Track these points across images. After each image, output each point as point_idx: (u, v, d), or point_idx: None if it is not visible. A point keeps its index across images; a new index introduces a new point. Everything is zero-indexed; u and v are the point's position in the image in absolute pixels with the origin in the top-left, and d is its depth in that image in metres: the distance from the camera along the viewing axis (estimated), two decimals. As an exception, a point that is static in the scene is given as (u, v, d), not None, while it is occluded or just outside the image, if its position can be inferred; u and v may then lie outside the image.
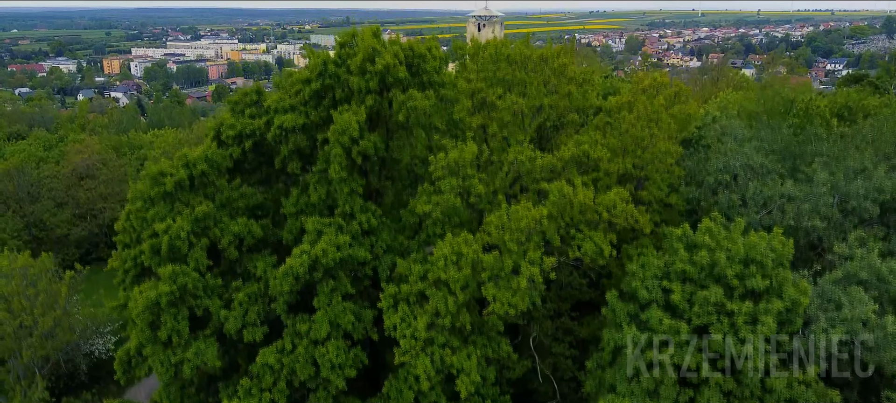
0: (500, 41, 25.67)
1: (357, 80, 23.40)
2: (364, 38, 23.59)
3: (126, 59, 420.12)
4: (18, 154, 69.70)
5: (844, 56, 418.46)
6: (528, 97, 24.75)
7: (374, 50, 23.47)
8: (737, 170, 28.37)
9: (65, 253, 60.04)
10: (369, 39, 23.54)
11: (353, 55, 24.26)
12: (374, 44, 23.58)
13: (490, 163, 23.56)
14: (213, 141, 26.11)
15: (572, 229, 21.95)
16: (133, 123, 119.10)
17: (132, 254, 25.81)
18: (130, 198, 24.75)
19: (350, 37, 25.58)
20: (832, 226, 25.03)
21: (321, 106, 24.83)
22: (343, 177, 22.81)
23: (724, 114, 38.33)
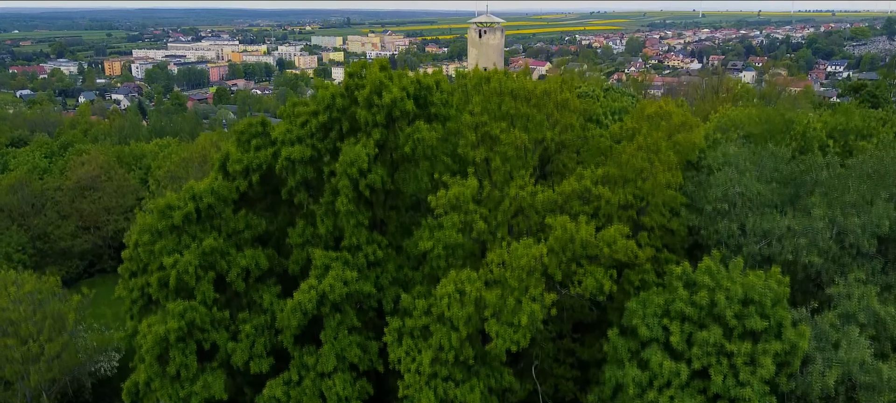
0: (503, 74, 25.99)
1: (364, 114, 23.76)
2: (372, 72, 23.93)
3: (127, 60, 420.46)
4: (22, 165, 70.11)
5: (845, 58, 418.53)
6: (530, 131, 25.12)
7: (381, 83, 23.82)
8: (736, 200, 28.68)
9: (69, 265, 60.44)
10: (377, 73, 23.89)
11: (361, 87, 24.60)
12: (382, 77, 23.92)
13: (493, 199, 23.89)
14: (220, 173, 26.44)
15: (574, 264, 22.31)
16: (135, 130, 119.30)
17: (139, 284, 26.18)
18: (138, 231, 25.08)
19: (359, 68, 25.92)
20: (831, 260, 25.33)
21: (328, 138, 25.18)
22: (351, 210, 23.18)
23: (725, 137, 38.64)
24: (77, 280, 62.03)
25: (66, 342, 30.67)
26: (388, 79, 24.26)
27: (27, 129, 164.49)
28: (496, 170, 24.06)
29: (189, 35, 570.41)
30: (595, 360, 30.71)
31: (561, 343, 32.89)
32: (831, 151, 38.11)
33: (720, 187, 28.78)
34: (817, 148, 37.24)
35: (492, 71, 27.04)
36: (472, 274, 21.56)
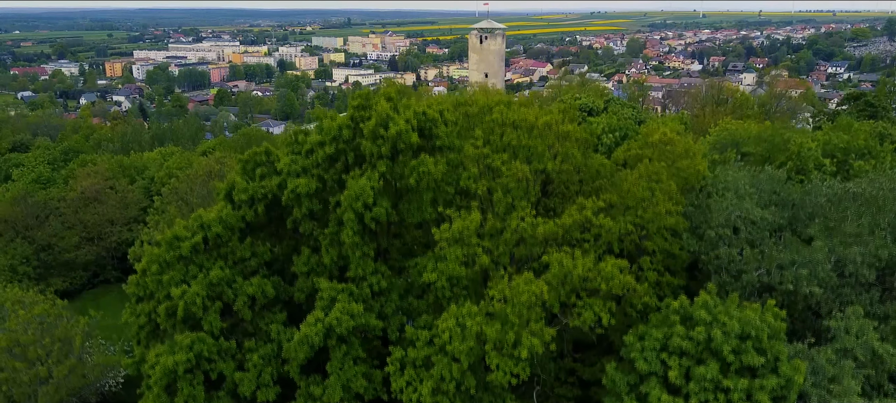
0: (505, 105, 26.39)
1: (369, 146, 24.18)
2: (378, 105, 24.33)
3: (128, 61, 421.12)
4: (26, 175, 70.52)
5: (846, 59, 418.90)
6: (532, 162, 25.55)
7: (387, 116, 24.23)
8: (737, 224, 29.10)
9: (72, 276, 60.87)
10: (383, 105, 24.29)
11: (367, 119, 25.01)
12: (388, 110, 24.32)
13: (495, 230, 24.32)
14: (226, 201, 26.86)
15: (573, 297, 22.73)
16: (137, 136, 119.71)
17: (146, 309, 26.60)
18: (147, 261, 25.50)
19: (365, 99, 26.32)
20: (830, 289, 25.74)
21: (333, 168, 25.60)
22: (356, 243, 23.61)
23: (722, 158, 39.05)
24: (81, 290, 62.53)
25: (73, 365, 31.10)
26: (394, 111, 24.65)
27: (29, 133, 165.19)
28: (498, 202, 24.49)
29: (190, 36, 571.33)
30: (596, 380, 31.12)
31: (562, 363, 33.30)
32: (828, 171, 38.55)
33: (722, 213, 29.20)
34: (813, 167, 37.66)
35: (494, 100, 27.44)
36: (473, 308, 21.99)
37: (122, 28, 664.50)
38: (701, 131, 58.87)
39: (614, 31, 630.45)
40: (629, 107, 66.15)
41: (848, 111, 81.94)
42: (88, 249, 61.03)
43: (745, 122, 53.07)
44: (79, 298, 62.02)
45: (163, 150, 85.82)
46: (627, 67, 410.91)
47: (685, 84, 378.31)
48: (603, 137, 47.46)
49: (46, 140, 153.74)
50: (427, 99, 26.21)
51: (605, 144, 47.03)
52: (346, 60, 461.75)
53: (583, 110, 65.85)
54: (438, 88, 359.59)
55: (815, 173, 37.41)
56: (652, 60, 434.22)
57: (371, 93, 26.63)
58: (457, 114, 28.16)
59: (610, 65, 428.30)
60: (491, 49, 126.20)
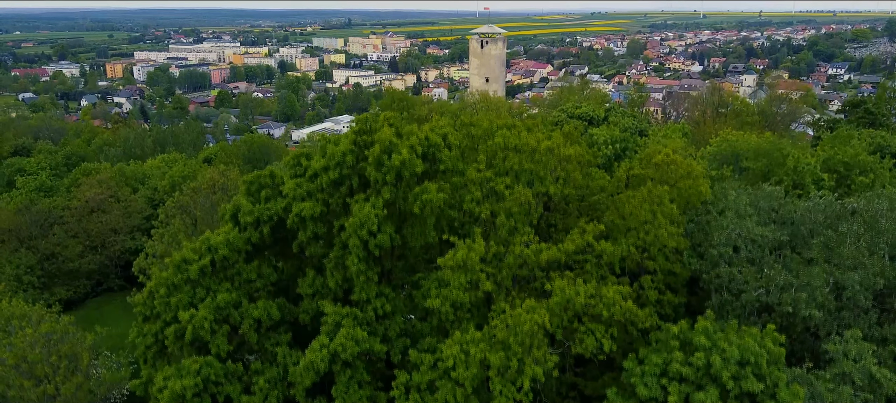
0: (507, 129, 26.72)
1: (374, 173, 24.52)
2: (382, 132, 24.65)
3: (129, 62, 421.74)
4: (30, 183, 70.81)
5: (846, 60, 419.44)
6: (534, 185, 25.89)
7: (391, 143, 24.56)
8: (738, 244, 29.47)
9: (76, 285, 61.24)
10: (386, 133, 24.60)
11: (370, 144, 25.33)
12: (391, 137, 24.65)
13: (498, 255, 24.67)
14: (232, 224, 27.19)
15: (575, 322, 23.06)
16: (140, 141, 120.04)
17: (153, 329, 26.93)
18: (155, 284, 25.84)
19: (366, 123, 26.62)
20: (828, 312, 26.09)
21: (338, 193, 25.93)
22: (361, 269, 23.95)
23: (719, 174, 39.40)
24: (84, 299, 62.91)
25: (80, 382, 31.44)
26: (397, 137, 24.97)
27: (31, 137, 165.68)
28: (501, 226, 24.84)
29: (190, 37, 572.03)
30: (598, 395, 31.44)
31: (564, 378, 33.64)
32: (826, 185, 38.90)
33: (722, 232, 29.57)
34: (811, 182, 38.04)
35: (497, 124, 27.78)
36: (477, 335, 22.34)
37: (122, 29, 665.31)
38: (702, 141, 59.24)
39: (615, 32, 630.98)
40: (629, 115, 66.46)
41: (847, 119, 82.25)
42: (92, 258, 61.41)
43: (745, 133, 53.32)
44: (82, 307, 62.42)
45: (165, 157, 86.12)
46: (628, 68, 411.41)
47: (686, 85, 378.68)
48: (603, 148, 47.79)
49: (48, 143, 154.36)
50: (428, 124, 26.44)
51: (604, 155, 47.37)
52: (346, 61, 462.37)
53: (583, 119, 66.25)
54: (439, 89, 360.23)
55: (813, 188, 37.78)
56: (652, 61, 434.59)
57: (371, 118, 26.94)
58: (460, 136, 28.47)
59: (610, 66, 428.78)
60: (492, 54, 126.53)
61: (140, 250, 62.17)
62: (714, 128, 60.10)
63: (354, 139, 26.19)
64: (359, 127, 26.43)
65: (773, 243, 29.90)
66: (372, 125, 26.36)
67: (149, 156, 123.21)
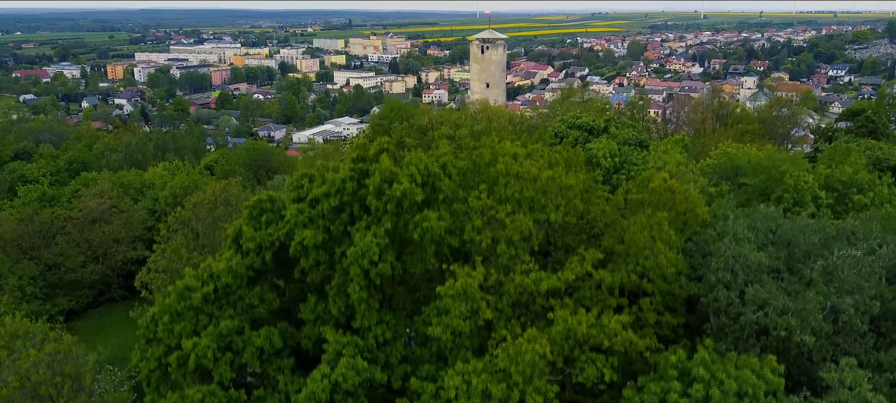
0: (511, 158, 26.96)
1: (374, 202, 24.78)
2: (382, 162, 24.90)
3: (129, 64, 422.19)
4: (32, 192, 70.96)
5: (846, 62, 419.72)
6: (535, 212, 26.15)
7: (390, 173, 24.82)
8: (735, 268, 29.72)
9: (79, 295, 61.53)
10: (386, 163, 24.86)
11: (370, 173, 25.58)
12: (391, 167, 24.91)
13: (498, 283, 24.93)
14: (234, 247, 27.45)
15: (576, 350, 23.31)
16: (141, 146, 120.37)
17: (156, 353, 27.17)
18: (158, 311, 26.09)
19: (364, 150, 26.87)
20: (824, 337, 26.33)
21: (339, 219, 26.18)
22: (362, 297, 24.21)
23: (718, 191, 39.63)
24: (86, 309, 63.23)
25: (84, 402, 31.67)
26: (396, 166, 25.22)
27: (32, 140, 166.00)
28: (502, 254, 25.10)
29: (191, 37, 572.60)
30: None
31: (563, 395, 33.92)
32: (824, 203, 39.14)
33: (720, 257, 29.83)
34: (810, 200, 38.27)
35: (499, 151, 28.04)
36: (479, 365, 22.58)
37: (123, 29, 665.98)
38: (702, 153, 59.47)
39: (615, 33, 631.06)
40: (629, 126, 66.59)
41: (848, 128, 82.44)
42: (93, 268, 61.67)
43: (745, 146, 53.53)
44: (84, 317, 62.75)
45: (167, 165, 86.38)
46: (628, 70, 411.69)
47: (686, 88, 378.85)
48: (602, 161, 48.07)
49: (50, 147, 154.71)
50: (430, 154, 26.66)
51: (603, 167, 47.65)
52: (347, 63, 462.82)
53: (583, 129, 66.46)
54: (439, 91, 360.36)
55: (812, 206, 38.04)
56: (653, 63, 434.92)
57: (366, 144, 27.21)
58: (462, 163, 28.75)
59: (611, 67, 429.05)
60: (492, 59, 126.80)
61: (141, 260, 62.61)
62: (714, 140, 60.26)
63: (354, 167, 26.45)
64: (356, 154, 26.70)
65: (771, 267, 30.15)
66: (368, 152, 26.62)
67: (150, 161, 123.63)
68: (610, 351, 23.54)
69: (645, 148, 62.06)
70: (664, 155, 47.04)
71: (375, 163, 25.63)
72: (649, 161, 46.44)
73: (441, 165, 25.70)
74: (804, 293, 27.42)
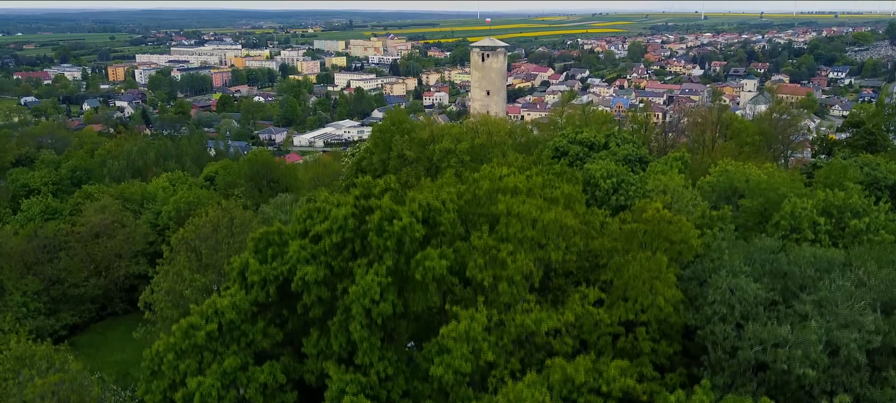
0: (511, 196, 27.31)
1: (376, 240, 25.17)
2: (383, 201, 25.28)
3: (130, 65, 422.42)
4: (35, 206, 71.29)
5: (847, 64, 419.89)
6: (536, 251, 26.52)
7: (391, 211, 25.21)
8: (732, 302, 30.08)
9: (81, 310, 61.94)
10: (387, 202, 25.24)
11: (371, 210, 25.98)
12: (391, 205, 25.30)
13: (499, 322, 25.31)
14: (239, 283, 27.83)
15: (575, 393, 23.68)
16: (143, 154, 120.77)
17: (161, 387, 27.57)
18: (163, 347, 26.45)
19: (365, 188, 27.25)
20: (822, 371, 26.70)
21: (341, 256, 26.58)
22: (364, 336, 24.60)
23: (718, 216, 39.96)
24: (89, 323, 63.65)
25: (89, 430, 32.08)
26: (397, 203, 25.61)
27: (34, 146, 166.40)
28: (504, 293, 25.47)
29: (192, 38, 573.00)
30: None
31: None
32: (822, 229, 39.46)
33: (717, 290, 30.21)
34: (807, 227, 38.59)
35: (500, 185, 28.40)
36: (480, 407, 23.00)
37: (124, 30, 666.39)
38: (701, 170, 59.70)
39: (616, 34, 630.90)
40: (629, 141, 66.92)
41: (847, 140, 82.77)
42: (96, 282, 62.06)
43: (744, 164, 53.83)
44: (87, 331, 63.19)
45: (169, 176, 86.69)
46: (629, 72, 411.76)
47: (686, 89, 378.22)
48: (600, 182, 48.40)
49: (51, 153, 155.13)
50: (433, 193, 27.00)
51: (602, 189, 47.96)
52: (347, 64, 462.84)
53: (584, 144, 66.82)
54: (440, 93, 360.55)
55: (810, 232, 38.36)
56: (653, 65, 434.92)
57: (369, 184, 27.58)
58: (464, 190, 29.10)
59: (611, 69, 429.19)
60: (493, 67, 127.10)
61: (144, 275, 63.02)
62: (713, 157, 60.57)
63: (356, 203, 26.84)
64: (360, 191, 27.08)
65: (767, 300, 30.53)
66: (371, 189, 27.02)
67: (152, 169, 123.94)
68: (609, 395, 23.87)
69: (644, 164, 62.45)
70: (662, 176, 47.34)
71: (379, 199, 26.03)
72: (647, 182, 46.74)
73: (441, 201, 26.05)
74: (805, 325, 27.79)
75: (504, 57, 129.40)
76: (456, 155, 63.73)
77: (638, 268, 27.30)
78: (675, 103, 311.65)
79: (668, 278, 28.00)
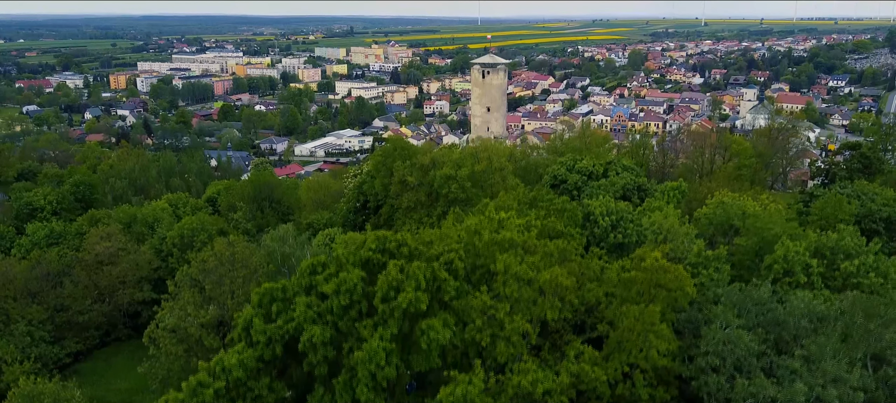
0: (511, 256, 28.17)
1: (382, 307, 26.03)
2: (390, 270, 26.15)
3: (132, 73, 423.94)
4: (40, 231, 72.02)
5: (847, 72, 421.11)
6: (533, 310, 27.37)
7: (398, 282, 26.09)
8: (725, 354, 30.95)
9: (86, 336, 62.67)
10: (393, 273, 26.12)
11: (383, 266, 26.83)
12: (397, 275, 26.17)
13: (498, 382, 26.11)
14: (244, 336, 28.63)
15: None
16: (144, 171, 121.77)
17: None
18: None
19: (382, 241, 28.12)
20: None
21: (347, 316, 27.40)
22: (370, 398, 25.41)
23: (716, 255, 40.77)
24: (93, 350, 64.43)
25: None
26: (402, 274, 26.47)
27: (36, 159, 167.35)
28: (501, 353, 26.29)
29: (193, 46, 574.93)
30: None
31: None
32: (815, 272, 40.24)
33: (710, 342, 31.09)
34: (800, 270, 39.39)
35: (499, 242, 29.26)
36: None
37: (125, 36, 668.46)
38: (697, 199, 60.49)
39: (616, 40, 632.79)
40: (628, 169, 67.75)
41: (843, 163, 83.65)
42: (100, 309, 62.71)
43: (741, 196, 54.57)
44: (91, 358, 63.94)
45: (171, 197, 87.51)
46: (629, 80, 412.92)
47: (686, 99, 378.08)
48: (599, 220, 49.11)
49: (54, 167, 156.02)
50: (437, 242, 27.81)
51: (601, 227, 48.69)
52: (348, 72, 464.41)
53: (583, 174, 67.68)
54: (440, 102, 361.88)
55: (802, 276, 39.16)
56: (653, 73, 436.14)
57: (386, 237, 28.43)
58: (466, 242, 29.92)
59: (611, 77, 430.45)
60: (493, 84, 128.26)
61: (148, 301, 63.88)
62: (710, 188, 61.35)
63: (365, 267, 27.69)
64: (374, 244, 27.94)
65: (759, 351, 31.37)
66: (386, 245, 27.86)
67: (153, 185, 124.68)
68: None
69: (643, 192, 63.26)
70: (659, 213, 48.13)
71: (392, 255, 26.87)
72: (644, 221, 47.53)
73: (447, 271, 26.89)
74: (793, 382, 28.62)
75: (504, 73, 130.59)
76: (457, 181, 64.52)
77: (632, 321, 28.16)
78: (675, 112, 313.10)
79: (661, 330, 28.86)
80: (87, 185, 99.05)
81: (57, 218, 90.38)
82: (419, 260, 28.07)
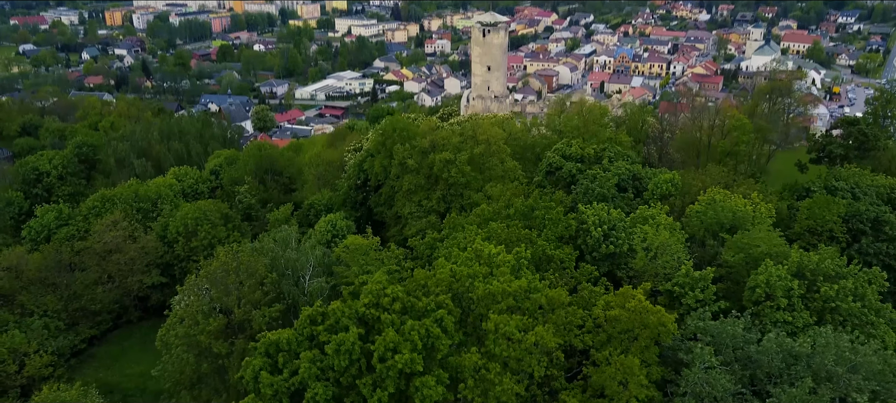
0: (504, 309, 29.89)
1: (379, 366, 28.04)
2: (386, 333, 28.04)
3: (128, 10, 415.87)
4: (49, 213, 73.52)
5: (857, 8, 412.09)
6: (522, 367, 29.40)
7: (394, 343, 27.98)
8: (703, 395, 33.17)
9: (99, 321, 65.30)
10: (391, 335, 27.99)
11: (378, 320, 28.74)
12: (395, 337, 28.05)
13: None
14: (253, 386, 30.80)
15: None
16: (146, 134, 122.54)
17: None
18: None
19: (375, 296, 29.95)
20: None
21: (348, 372, 29.47)
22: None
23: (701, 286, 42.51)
24: (106, 334, 67.26)
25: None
26: (399, 335, 28.33)
27: (38, 113, 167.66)
28: (495, 406, 28.47)
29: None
30: None
31: None
32: (796, 294, 41.98)
33: (689, 384, 33.28)
34: (781, 294, 41.13)
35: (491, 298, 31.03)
36: None
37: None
38: (690, 192, 61.58)
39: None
40: (623, 155, 68.37)
41: (840, 138, 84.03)
42: (111, 295, 65.01)
43: (733, 195, 55.71)
44: (105, 342, 66.82)
45: (176, 171, 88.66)
46: (634, 17, 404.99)
47: (692, 38, 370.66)
48: (592, 230, 50.62)
49: (55, 120, 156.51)
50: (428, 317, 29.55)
51: (594, 237, 50.26)
52: (348, 7, 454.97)
53: (577, 160, 68.49)
54: (442, 41, 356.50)
55: (783, 300, 40.96)
56: (659, 9, 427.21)
57: (380, 293, 30.21)
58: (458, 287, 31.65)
59: (616, 13, 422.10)
60: (494, 42, 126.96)
61: (156, 285, 66.31)
62: (702, 180, 62.40)
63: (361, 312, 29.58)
64: (367, 299, 29.85)
65: (735, 391, 33.55)
66: (381, 301, 29.67)
67: (155, 146, 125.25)
68: None
69: (638, 181, 64.24)
70: (651, 225, 49.54)
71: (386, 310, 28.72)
72: (636, 232, 48.98)
73: (442, 327, 28.73)
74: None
75: (505, 32, 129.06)
76: (456, 165, 65.83)
77: (612, 370, 30.22)
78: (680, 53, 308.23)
79: (640, 379, 30.89)
80: (90, 146, 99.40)
81: (62, 183, 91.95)
82: (410, 317, 30.01)
